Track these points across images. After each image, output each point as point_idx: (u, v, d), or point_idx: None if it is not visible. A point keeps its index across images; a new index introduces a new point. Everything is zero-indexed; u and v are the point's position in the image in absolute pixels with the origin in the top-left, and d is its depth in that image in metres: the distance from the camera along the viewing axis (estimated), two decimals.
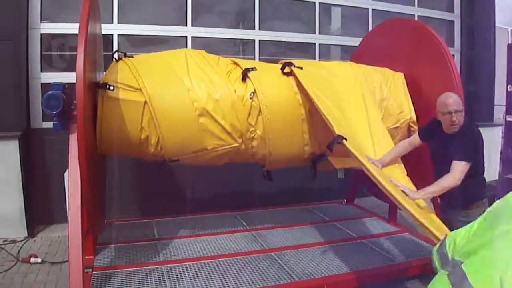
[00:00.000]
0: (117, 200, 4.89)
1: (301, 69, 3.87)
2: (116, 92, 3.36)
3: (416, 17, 6.95)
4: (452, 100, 2.92)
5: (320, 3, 6.35)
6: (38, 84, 5.10)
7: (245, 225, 4.79)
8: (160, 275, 3.40)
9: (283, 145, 3.81)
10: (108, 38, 5.22)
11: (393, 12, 6.75)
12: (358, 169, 3.49)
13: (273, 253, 3.92)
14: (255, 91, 3.66)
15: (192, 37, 5.67)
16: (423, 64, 4.20)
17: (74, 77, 2.69)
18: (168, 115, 3.43)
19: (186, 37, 5.65)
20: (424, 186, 2.98)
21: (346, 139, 3.16)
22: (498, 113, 7.36)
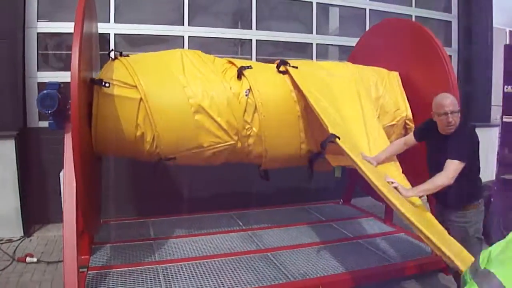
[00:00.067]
0: (114, 200, 4.90)
1: (296, 68, 3.87)
2: (112, 89, 3.36)
3: (414, 18, 6.94)
4: (449, 101, 2.90)
5: (318, 3, 6.34)
6: (35, 83, 5.09)
7: (241, 225, 4.80)
8: (155, 275, 3.40)
9: (279, 143, 3.81)
10: (105, 37, 5.21)
11: (391, 12, 6.74)
12: (355, 169, 3.49)
13: (269, 253, 3.93)
14: (251, 88, 3.66)
15: (189, 37, 5.66)
16: (420, 65, 4.21)
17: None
18: (164, 112, 3.43)
19: (183, 37, 5.64)
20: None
21: (339, 138, 3.17)
22: (495, 114, 7.36)
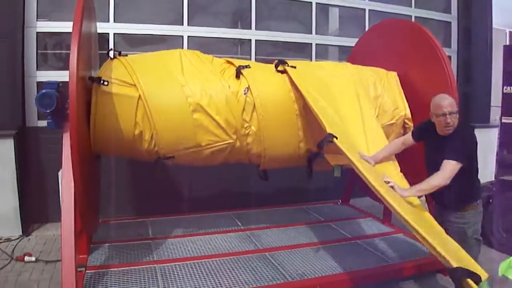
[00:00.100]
0: (113, 199, 4.90)
1: (295, 68, 3.88)
2: (110, 87, 3.36)
3: (413, 18, 6.95)
4: (447, 102, 2.89)
5: (317, 3, 6.35)
6: (34, 83, 5.10)
7: (240, 225, 4.80)
8: (153, 275, 3.40)
9: (278, 142, 3.80)
10: (104, 37, 5.22)
11: (390, 13, 6.75)
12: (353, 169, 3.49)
13: (267, 253, 3.93)
14: (249, 87, 3.67)
15: (189, 37, 5.67)
16: (419, 65, 4.21)
17: None
18: (162, 111, 3.43)
19: (182, 37, 5.65)
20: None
21: (337, 138, 3.17)
22: (495, 115, 7.36)
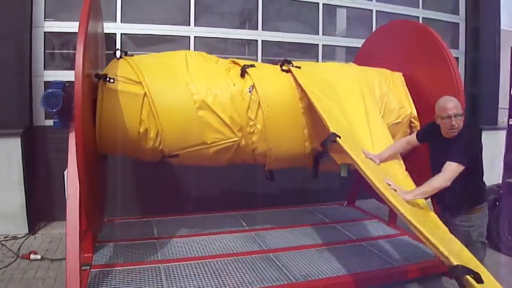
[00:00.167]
0: (119, 199, 4.92)
1: (299, 68, 3.88)
2: (116, 85, 3.38)
3: (421, 19, 6.90)
4: (452, 104, 2.86)
5: (324, 4, 6.33)
6: (41, 82, 5.14)
7: (245, 226, 4.79)
8: (157, 274, 3.41)
9: (284, 140, 3.79)
10: (111, 37, 5.25)
11: (398, 14, 6.71)
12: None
13: (271, 254, 3.92)
14: (254, 85, 3.67)
15: (195, 37, 5.68)
16: (425, 66, 4.18)
17: None
18: (168, 108, 3.45)
19: (189, 37, 5.66)
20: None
21: (340, 137, 3.16)
22: (503, 117, 7.28)
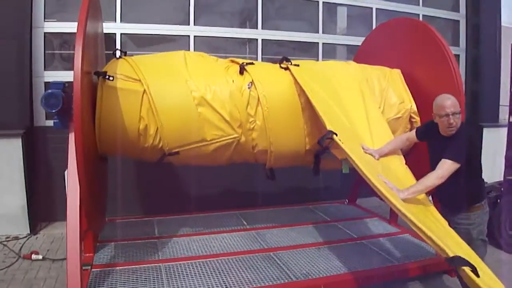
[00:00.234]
0: (120, 199, 4.92)
1: (298, 66, 3.89)
2: (115, 82, 3.38)
3: (421, 17, 6.89)
4: (449, 102, 2.85)
5: (324, 2, 6.32)
6: (42, 83, 5.15)
7: (245, 225, 4.79)
8: (158, 274, 3.41)
9: (284, 136, 3.79)
10: (111, 37, 5.25)
11: (398, 12, 6.70)
12: None
13: (272, 253, 3.92)
14: (253, 82, 3.68)
15: (195, 36, 5.69)
16: (425, 64, 4.18)
17: None
18: (167, 105, 3.45)
19: (189, 36, 5.66)
20: None
21: (337, 134, 3.17)
22: (504, 114, 7.25)
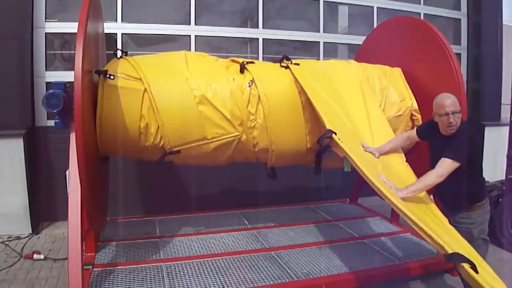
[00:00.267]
0: (121, 198, 4.93)
1: (298, 65, 3.89)
2: (116, 81, 3.39)
3: (422, 15, 6.87)
4: (449, 101, 2.84)
5: (325, 1, 6.32)
6: (43, 83, 5.16)
7: (247, 224, 4.80)
8: (159, 273, 3.42)
9: (285, 134, 3.79)
10: (112, 37, 5.26)
11: (399, 10, 6.69)
12: None
13: (273, 252, 3.93)
14: (253, 80, 3.68)
15: (196, 36, 5.69)
16: (426, 63, 4.17)
17: None
18: (168, 103, 3.46)
19: (190, 36, 5.66)
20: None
21: (336, 133, 3.17)
22: (506, 112, 7.23)
